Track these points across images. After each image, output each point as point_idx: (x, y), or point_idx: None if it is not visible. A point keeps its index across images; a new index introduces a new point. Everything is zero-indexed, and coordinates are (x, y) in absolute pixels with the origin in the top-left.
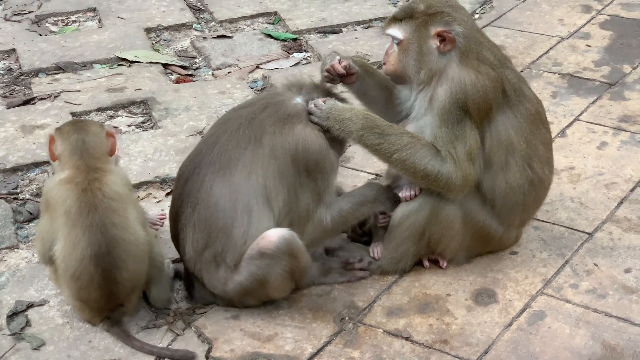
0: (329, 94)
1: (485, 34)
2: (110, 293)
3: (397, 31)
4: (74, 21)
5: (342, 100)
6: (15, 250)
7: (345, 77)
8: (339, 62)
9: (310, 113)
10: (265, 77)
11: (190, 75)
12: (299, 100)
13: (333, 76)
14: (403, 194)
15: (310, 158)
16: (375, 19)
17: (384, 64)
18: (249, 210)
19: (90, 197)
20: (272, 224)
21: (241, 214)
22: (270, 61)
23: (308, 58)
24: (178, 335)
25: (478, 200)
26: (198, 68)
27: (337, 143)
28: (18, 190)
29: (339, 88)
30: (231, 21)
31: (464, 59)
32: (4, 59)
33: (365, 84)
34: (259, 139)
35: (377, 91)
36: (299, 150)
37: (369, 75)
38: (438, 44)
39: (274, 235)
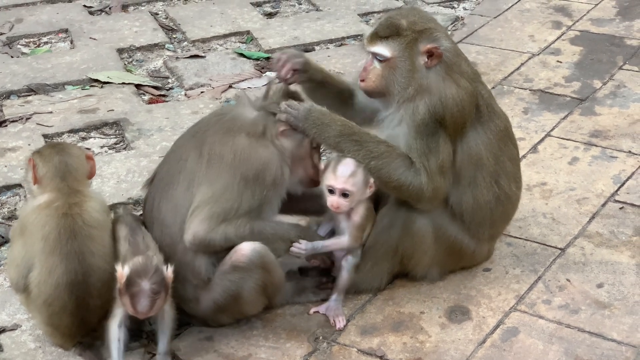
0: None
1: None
2: (82, 320)
3: (383, 49)
4: (46, 42)
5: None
6: None
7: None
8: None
9: (283, 113)
10: (238, 97)
11: (163, 95)
12: (253, 112)
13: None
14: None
15: (250, 168)
16: (348, 37)
17: (362, 80)
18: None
19: (70, 223)
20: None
21: (180, 227)
22: (242, 80)
23: None
24: (152, 357)
25: (448, 215)
26: (171, 88)
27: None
28: None
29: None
30: (204, 41)
31: (449, 73)
32: None
33: (318, 93)
34: (198, 149)
35: (332, 99)
36: (236, 159)
37: (324, 86)
38: (426, 59)
39: (247, 249)
